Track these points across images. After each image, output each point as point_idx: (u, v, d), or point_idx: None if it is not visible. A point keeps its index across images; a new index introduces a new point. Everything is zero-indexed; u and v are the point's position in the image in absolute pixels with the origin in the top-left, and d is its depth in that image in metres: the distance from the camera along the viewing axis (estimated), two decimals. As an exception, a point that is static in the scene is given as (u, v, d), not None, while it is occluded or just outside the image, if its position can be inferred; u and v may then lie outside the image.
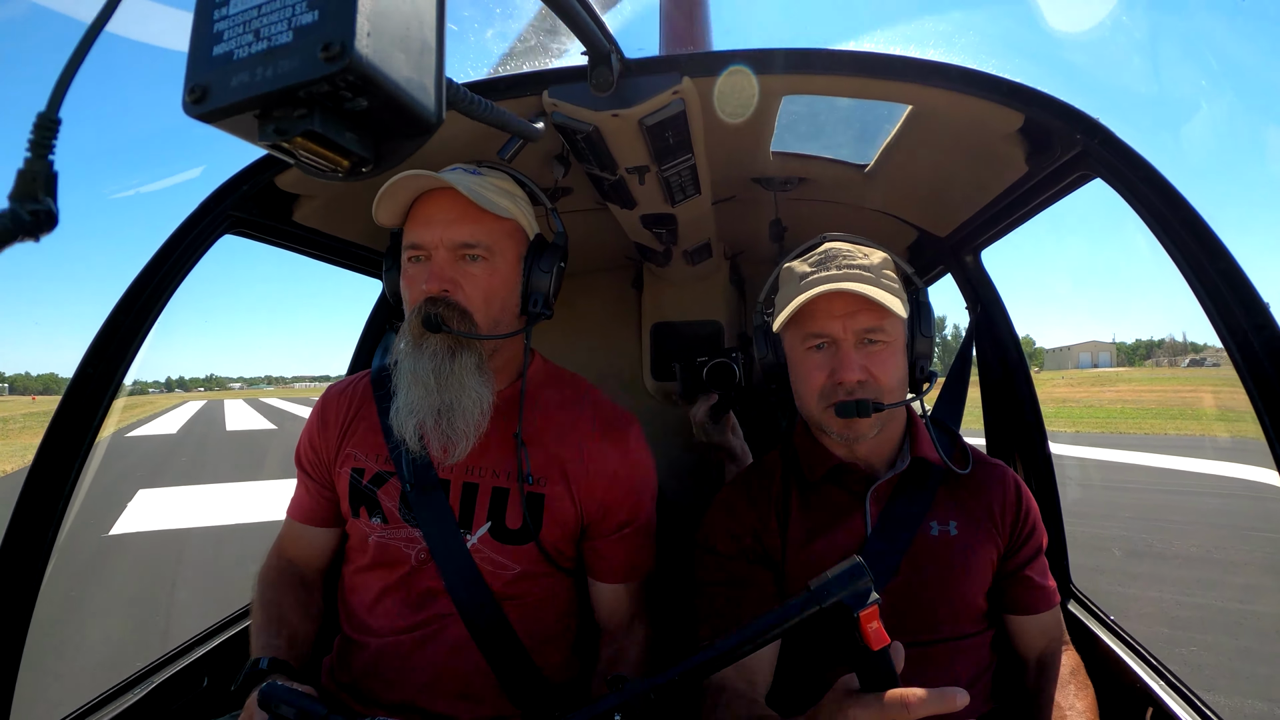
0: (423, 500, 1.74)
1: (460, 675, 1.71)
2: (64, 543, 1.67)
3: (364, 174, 0.72)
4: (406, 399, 1.67)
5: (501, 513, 1.74)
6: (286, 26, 0.60)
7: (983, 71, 1.60)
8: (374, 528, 1.78)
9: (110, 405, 1.75)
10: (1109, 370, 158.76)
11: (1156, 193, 1.47)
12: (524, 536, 1.74)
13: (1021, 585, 1.76)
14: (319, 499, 1.91)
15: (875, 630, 1.16)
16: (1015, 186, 1.99)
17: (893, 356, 1.70)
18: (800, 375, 1.76)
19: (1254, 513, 10.60)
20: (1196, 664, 5.32)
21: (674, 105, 1.67)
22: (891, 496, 1.76)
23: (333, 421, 1.90)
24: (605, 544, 1.82)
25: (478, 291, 1.67)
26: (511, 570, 1.75)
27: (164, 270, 1.80)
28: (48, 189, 0.66)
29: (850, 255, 1.73)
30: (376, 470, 1.80)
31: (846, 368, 1.65)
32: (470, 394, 1.66)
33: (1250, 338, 1.36)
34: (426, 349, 1.64)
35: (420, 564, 1.74)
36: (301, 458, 1.94)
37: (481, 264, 1.68)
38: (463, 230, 1.65)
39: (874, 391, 1.66)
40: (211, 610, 2.57)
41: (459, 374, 1.65)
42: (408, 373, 1.66)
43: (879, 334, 1.67)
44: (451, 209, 1.65)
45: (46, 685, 5.11)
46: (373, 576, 1.80)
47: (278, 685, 1.35)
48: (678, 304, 3.45)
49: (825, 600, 1.16)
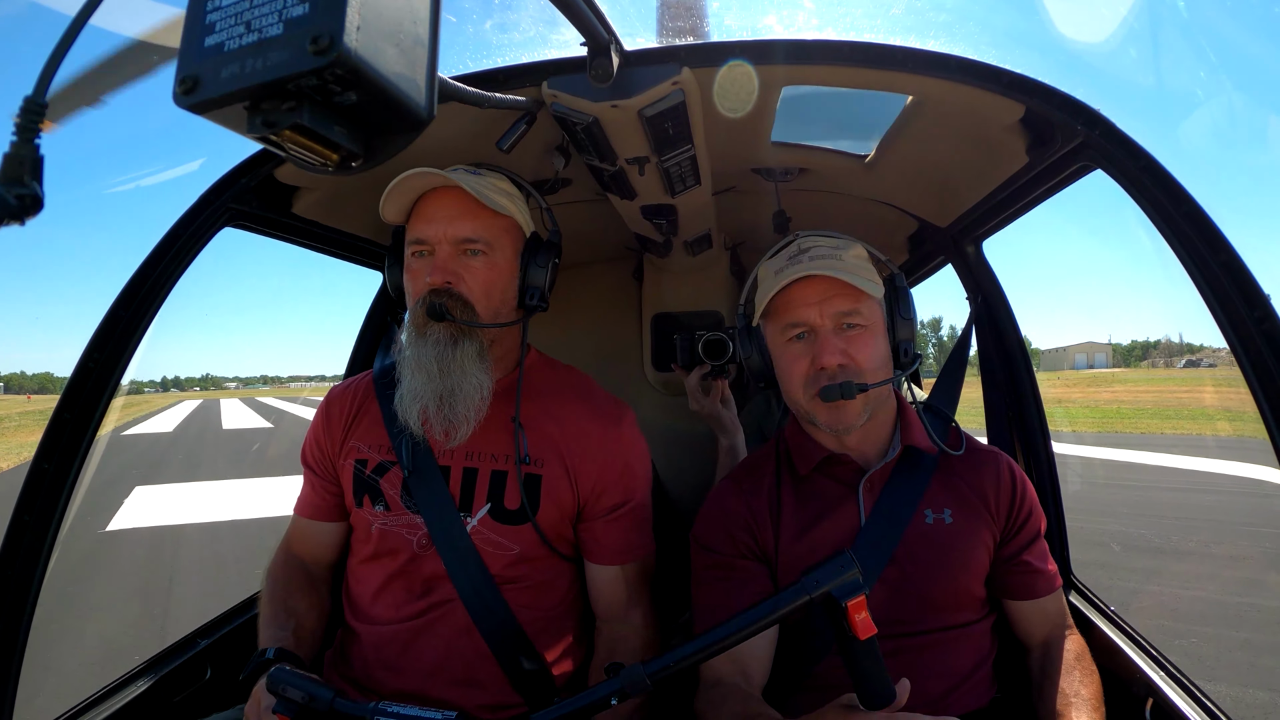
0: (422, 486, 1.80)
1: (462, 662, 1.75)
2: (62, 538, 1.67)
3: (354, 168, 0.72)
4: (410, 385, 1.74)
5: (500, 494, 1.80)
6: (277, 19, 0.60)
7: (984, 62, 1.59)
8: (377, 515, 1.83)
9: (110, 401, 1.75)
10: (1105, 371, 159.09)
11: (1157, 184, 1.47)
12: (522, 516, 1.79)
13: (1020, 570, 1.75)
14: (324, 494, 1.95)
15: (863, 620, 1.20)
16: (1016, 177, 1.98)
17: (872, 340, 1.71)
18: (783, 367, 1.78)
19: (1251, 509, 10.67)
20: (1198, 655, 5.34)
21: (673, 96, 1.66)
22: (884, 486, 1.76)
23: (337, 418, 1.97)
24: (599, 525, 1.87)
25: (478, 284, 1.75)
26: (510, 551, 1.79)
27: (164, 263, 1.80)
28: (34, 173, 0.67)
29: (820, 246, 1.75)
30: (379, 460, 1.86)
31: (826, 352, 1.67)
32: (471, 379, 1.73)
33: (1251, 330, 1.35)
34: (430, 337, 1.72)
35: (421, 550, 1.78)
36: (308, 455, 1.99)
37: (482, 258, 1.76)
38: (464, 226, 1.73)
39: (855, 375, 1.67)
40: (208, 602, 2.58)
41: (461, 360, 1.72)
42: (411, 360, 1.74)
43: (855, 317, 1.69)
44: (454, 206, 1.73)
45: (44, 680, 5.13)
46: (376, 566, 1.84)
47: (286, 670, 1.36)
48: (678, 295, 3.45)
49: (814, 590, 1.21)
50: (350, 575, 1.92)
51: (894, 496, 1.75)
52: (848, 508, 1.76)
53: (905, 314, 1.80)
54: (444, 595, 1.77)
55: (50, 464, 1.67)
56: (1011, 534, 1.77)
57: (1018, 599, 1.77)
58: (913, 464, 1.78)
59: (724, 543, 1.79)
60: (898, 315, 1.80)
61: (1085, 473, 14.67)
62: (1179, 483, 13.16)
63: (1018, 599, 1.77)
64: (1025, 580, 1.75)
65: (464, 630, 1.76)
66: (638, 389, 3.53)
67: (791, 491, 1.81)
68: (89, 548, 9.63)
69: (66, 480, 1.68)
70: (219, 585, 7.65)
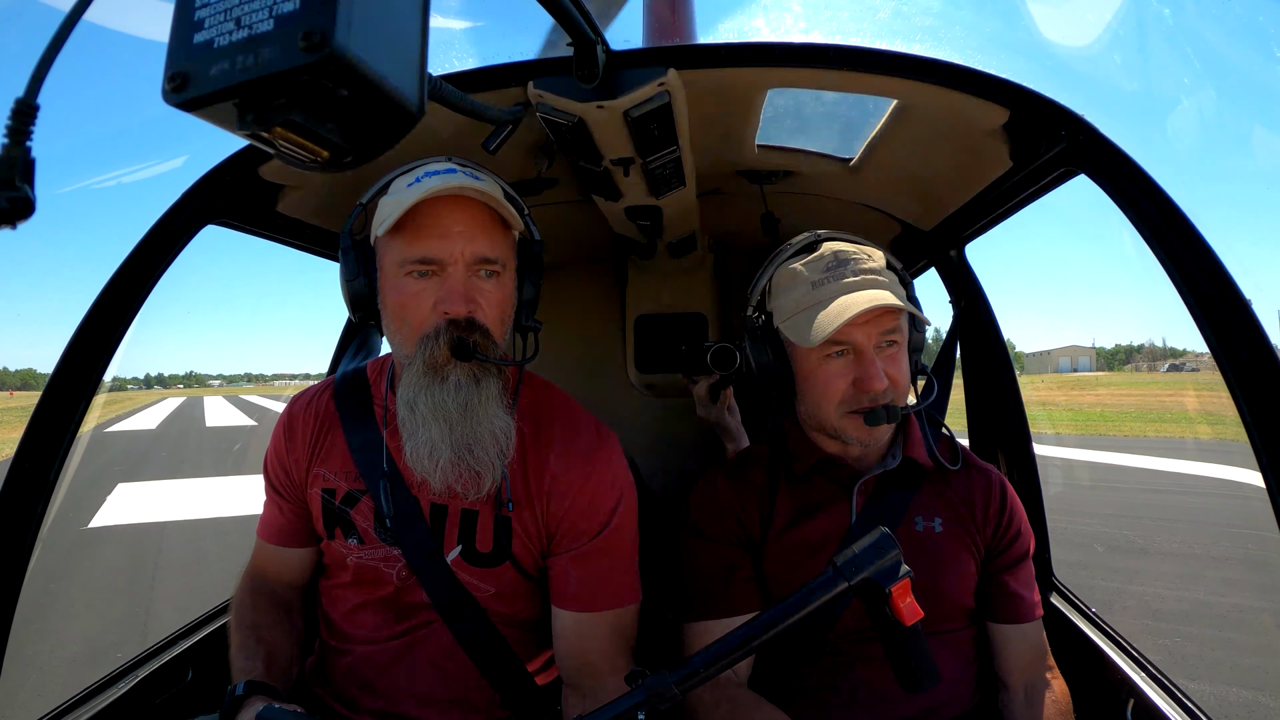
0: (400, 521, 1.64)
1: (450, 683, 1.66)
2: (43, 535, 1.66)
3: (344, 165, 0.72)
4: (428, 436, 1.51)
5: (471, 535, 1.64)
6: (268, 15, 0.59)
7: (969, 66, 1.60)
8: (350, 549, 1.69)
9: (93, 398, 1.73)
10: (1088, 375, 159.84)
11: (1140, 189, 1.48)
12: (496, 559, 1.64)
13: (1000, 590, 1.74)
14: (292, 519, 1.80)
15: (909, 605, 1.12)
16: (1000, 181, 1.99)
17: (903, 356, 1.69)
18: (818, 383, 1.70)
19: (1232, 510, 10.75)
20: (1181, 655, 5.40)
21: (659, 97, 1.66)
22: (877, 491, 1.76)
23: (300, 438, 1.78)
24: (561, 562, 1.65)
25: (494, 311, 1.55)
26: (486, 591, 1.66)
27: (146, 261, 1.78)
28: (25, 175, 0.66)
29: (859, 258, 1.69)
30: (347, 490, 1.69)
31: (874, 377, 1.62)
32: (500, 422, 1.55)
33: (1232, 334, 1.37)
34: (450, 379, 1.50)
35: (403, 582, 1.66)
36: (270, 475, 1.82)
37: (495, 280, 1.55)
38: (484, 243, 1.51)
39: (894, 396, 1.66)
40: (190, 600, 2.56)
41: (485, 403, 1.52)
42: (427, 408, 1.51)
43: (895, 334, 1.66)
44: (473, 219, 1.51)
45: (26, 675, 5.07)
46: (353, 592, 1.72)
47: (273, 709, 1.31)
48: (662, 296, 3.45)
49: (853, 577, 1.11)
50: (324, 595, 1.79)
51: (886, 501, 1.74)
52: (839, 508, 1.76)
53: (919, 326, 1.77)
54: (425, 618, 1.65)
55: (32, 460, 1.65)
56: (997, 550, 1.76)
57: (998, 621, 1.74)
58: (906, 472, 1.77)
59: (711, 527, 1.79)
60: (913, 328, 1.76)
61: (1068, 474, 14.74)
62: (1161, 485, 13.26)
63: (998, 621, 1.74)
64: (1007, 602, 1.73)
65: (447, 651, 1.65)
66: (621, 391, 3.53)
67: (785, 486, 1.80)
68: (71, 545, 9.56)
69: (48, 477, 1.66)
70: (202, 583, 7.63)
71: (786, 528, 1.75)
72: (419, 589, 1.65)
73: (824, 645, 1.69)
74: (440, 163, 1.62)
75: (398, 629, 1.67)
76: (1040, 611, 1.75)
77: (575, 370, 3.55)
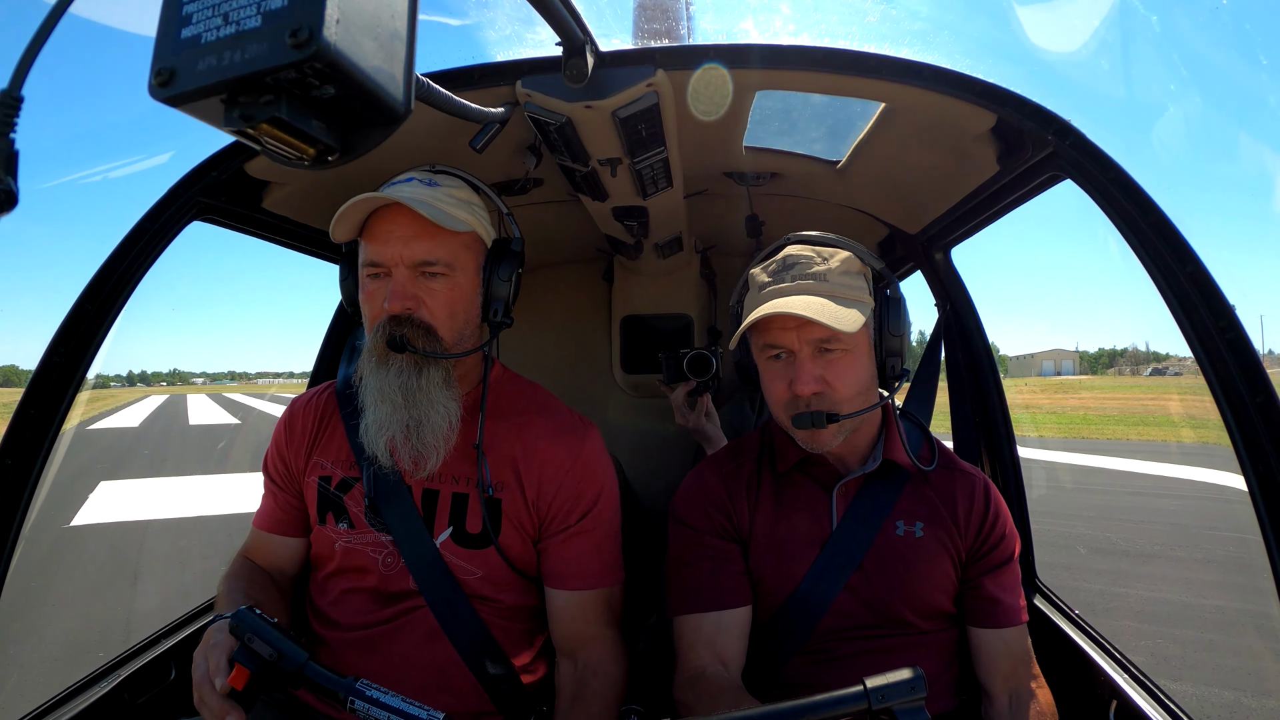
0: (389, 506, 1.74)
1: (433, 668, 1.70)
2: (25, 533, 1.65)
3: (331, 163, 0.71)
4: (375, 416, 1.66)
5: (462, 517, 1.75)
6: (255, 11, 0.59)
7: (956, 71, 1.61)
8: (340, 533, 1.78)
9: (75, 396, 1.72)
10: (1072, 378, 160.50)
11: (1125, 195, 1.49)
12: (484, 540, 1.73)
13: (980, 594, 1.73)
14: (287, 509, 1.90)
15: None
16: (986, 185, 2.00)
17: (852, 364, 1.66)
18: (765, 384, 1.75)
19: (1214, 513, 10.82)
20: (1164, 655, 5.45)
21: (647, 98, 1.67)
22: (858, 493, 1.76)
23: (300, 433, 1.90)
24: (554, 543, 1.78)
25: (440, 307, 1.67)
26: (474, 574, 1.74)
27: (131, 257, 1.77)
28: (8, 168, 0.65)
29: (807, 262, 1.69)
30: (343, 476, 1.81)
31: (802, 380, 1.62)
32: (439, 408, 1.67)
33: (1215, 339, 1.38)
34: (393, 366, 1.64)
35: (389, 568, 1.74)
36: (270, 468, 1.92)
37: (442, 280, 1.67)
38: (421, 247, 1.63)
39: (830, 402, 1.64)
40: (172, 599, 2.54)
41: (426, 389, 1.66)
42: (374, 390, 1.66)
43: (834, 343, 1.63)
44: (409, 225, 1.63)
45: (7, 673, 5.05)
46: (340, 579, 1.80)
47: (256, 615, 1.28)
48: (648, 297, 3.46)
49: (876, 703, 1.12)
50: (313, 586, 1.87)
51: (867, 505, 1.74)
52: (821, 510, 1.76)
53: (895, 329, 1.74)
54: (411, 604, 1.72)
55: (13, 458, 1.64)
56: (980, 554, 1.75)
57: (980, 626, 1.73)
58: (888, 474, 1.77)
59: (700, 519, 1.79)
60: (887, 330, 1.74)
61: (1051, 477, 14.81)
62: (1144, 487, 13.35)
63: (980, 626, 1.73)
64: (986, 607, 1.72)
65: (431, 635, 1.71)
66: (607, 391, 3.53)
67: (770, 482, 1.81)
68: (53, 543, 9.50)
69: (30, 475, 1.65)
70: (184, 582, 7.61)
71: (770, 525, 1.75)
72: (405, 575, 1.73)
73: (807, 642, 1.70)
74: (415, 171, 1.76)
75: (383, 614, 1.74)
76: (1025, 617, 1.74)
77: (561, 369, 3.55)
